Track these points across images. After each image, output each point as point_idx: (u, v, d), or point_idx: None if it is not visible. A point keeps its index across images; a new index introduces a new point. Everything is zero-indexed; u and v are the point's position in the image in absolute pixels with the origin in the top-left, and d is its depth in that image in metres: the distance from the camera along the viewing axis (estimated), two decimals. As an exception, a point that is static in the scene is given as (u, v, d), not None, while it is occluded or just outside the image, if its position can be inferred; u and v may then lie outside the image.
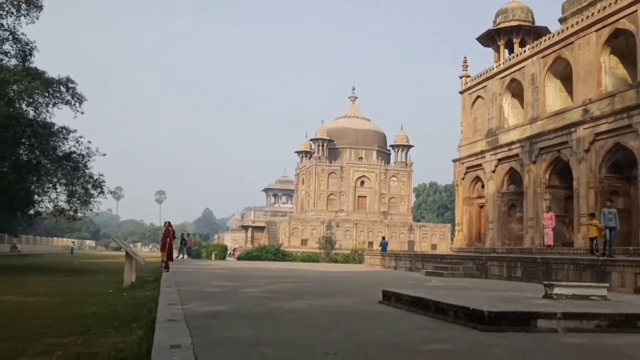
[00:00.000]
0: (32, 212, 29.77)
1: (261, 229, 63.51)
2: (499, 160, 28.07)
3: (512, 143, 26.87)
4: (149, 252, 76.09)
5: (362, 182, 59.94)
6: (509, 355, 4.87)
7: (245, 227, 67.93)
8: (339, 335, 5.68)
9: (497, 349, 5.09)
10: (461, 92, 32.14)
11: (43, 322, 7.53)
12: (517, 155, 26.54)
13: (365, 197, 60.12)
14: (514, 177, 27.65)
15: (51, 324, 7.31)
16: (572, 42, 23.62)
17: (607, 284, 9.72)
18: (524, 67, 26.78)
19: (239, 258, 47.68)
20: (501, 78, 28.59)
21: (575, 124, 22.81)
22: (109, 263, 31.61)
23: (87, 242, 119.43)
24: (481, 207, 30.27)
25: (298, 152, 65.90)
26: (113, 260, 35.70)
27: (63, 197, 25.67)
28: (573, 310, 6.73)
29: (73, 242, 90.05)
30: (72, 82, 24.69)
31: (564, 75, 24.76)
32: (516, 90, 27.87)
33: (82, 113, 25.21)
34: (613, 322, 6.55)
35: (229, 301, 9.08)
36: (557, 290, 8.37)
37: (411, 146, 62.85)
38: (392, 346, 5.19)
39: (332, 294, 11.10)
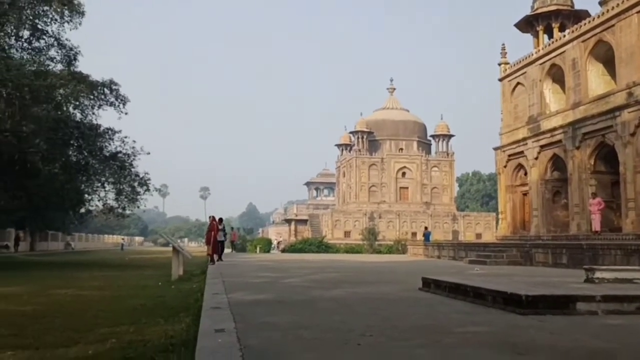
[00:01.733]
0: (83, 210, 30.97)
1: (304, 222, 63.92)
2: (542, 146, 27.56)
3: (555, 129, 26.34)
4: (197, 247, 77.60)
5: (404, 173, 59.56)
6: (544, 335, 4.94)
7: (289, 221, 68.54)
8: (376, 320, 5.84)
9: (532, 331, 5.17)
10: (500, 80, 31.64)
11: (97, 313, 7.87)
12: (560, 141, 26.02)
13: (407, 188, 59.72)
14: (557, 163, 27.13)
15: (104, 315, 7.63)
16: (613, 25, 23.00)
17: (651, 268, 9.59)
18: (564, 51, 26.19)
19: (283, 251, 48.24)
20: (541, 64, 28.04)
21: (620, 108, 22.22)
22: (157, 258, 32.46)
23: (136, 238, 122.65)
24: (524, 194, 29.82)
25: (338, 145, 65.87)
26: (161, 255, 36.61)
27: (111, 195, 26.53)
28: (613, 293, 6.72)
29: (123, 239, 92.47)
30: (116, 84, 25.38)
31: (606, 58, 24.14)
32: (557, 75, 27.29)
33: (126, 114, 25.91)
34: (655, 305, 6.50)
35: (271, 290, 9.34)
36: (598, 275, 8.34)
37: (452, 135, 62.06)
38: (428, 328, 5.33)
39: (372, 283, 11.25)
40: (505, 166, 30.88)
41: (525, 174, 29.36)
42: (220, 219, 22.64)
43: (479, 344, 4.55)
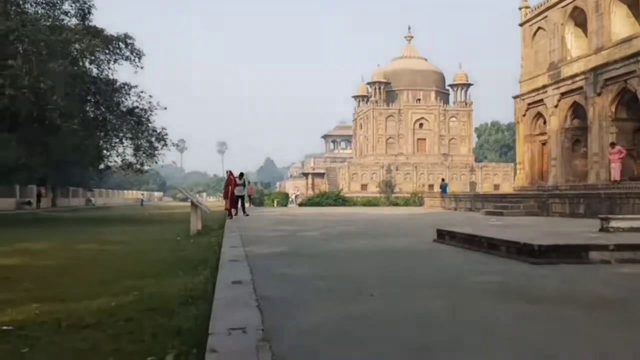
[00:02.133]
0: (102, 166, 31.33)
1: (321, 175, 64.16)
2: (562, 94, 27.05)
3: (576, 75, 25.77)
4: (216, 201, 78.47)
5: (421, 124, 59.07)
6: (554, 283, 5.00)
7: (306, 174, 68.89)
8: (390, 271, 5.95)
9: (543, 279, 5.23)
10: (521, 25, 30.86)
11: (119, 267, 8.05)
12: (581, 88, 25.50)
13: (425, 139, 59.32)
14: (577, 111, 26.66)
15: (126, 269, 7.80)
16: (639, -36, 22.17)
17: (668, 216, 9.53)
18: (587, -7, 25.40)
19: (301, 204, 48.62)
20: (563, 7, 27.20)
21: (644, 52, 21.65)
22: (176, 213, 32.94)
23: (155, 193, 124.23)
24: (543, 144, 29.49)
25: (355, 97, 65.24)
26: (180, 210, 37.13)
27: (130, 151, 26.81)
28: (627, 242, 6.72)
29: (142, 194, 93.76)
30: (131, 38, 25.23)
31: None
32: (579, 19, 26.50)
33: (141, 68, 25.88)
34: (670, 253, 6.49)
35: (287, 243, 9.49)
36: (613, 224, 8.33)
37: (471, 85, 61.09)
38: (441, 279, 5.41)
39: (388, 236, 11.35)
40: (524, 115, 30.47)
41: (545, 122, 28.96)
42: (241, 174, 22.77)
43: (492, 293, 4.62)
